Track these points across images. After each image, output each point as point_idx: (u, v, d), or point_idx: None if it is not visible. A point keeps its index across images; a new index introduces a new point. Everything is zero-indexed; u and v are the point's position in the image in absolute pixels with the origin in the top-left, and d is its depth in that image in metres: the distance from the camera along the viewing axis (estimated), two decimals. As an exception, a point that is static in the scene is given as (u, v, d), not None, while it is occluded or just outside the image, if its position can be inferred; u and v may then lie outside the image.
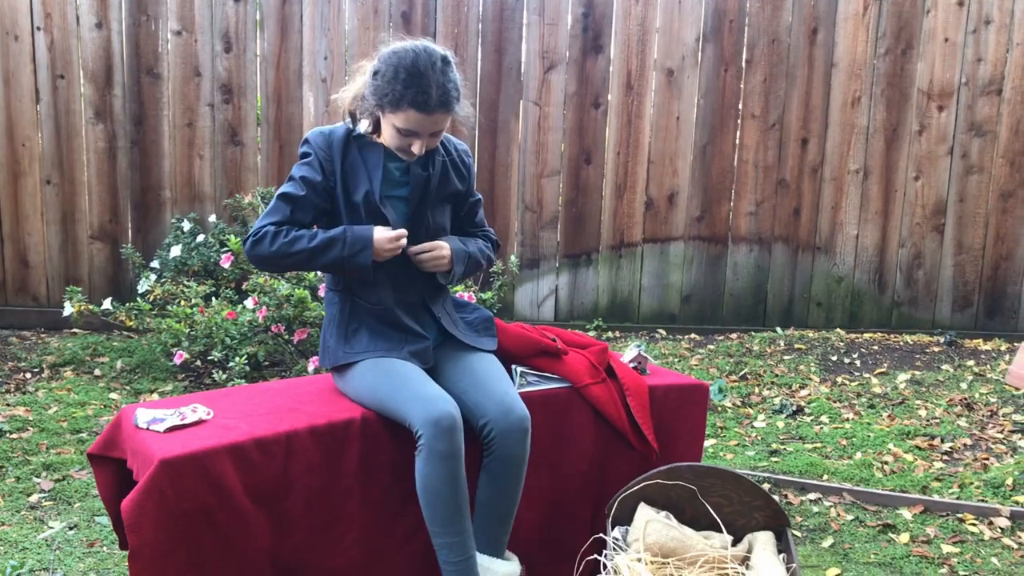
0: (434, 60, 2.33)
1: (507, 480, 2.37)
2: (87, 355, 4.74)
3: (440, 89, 2.32)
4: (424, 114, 2.32)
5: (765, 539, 2.28)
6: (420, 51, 2.34)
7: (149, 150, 5.21)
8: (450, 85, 2.35)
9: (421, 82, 2.30)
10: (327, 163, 2.47)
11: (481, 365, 2.51)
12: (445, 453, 2.22)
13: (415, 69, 2.31)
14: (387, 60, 2.35)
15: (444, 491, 2.23)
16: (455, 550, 2.27)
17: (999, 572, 2.94)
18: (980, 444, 3.92)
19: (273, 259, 2.42)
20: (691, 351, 5.08)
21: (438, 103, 2.32)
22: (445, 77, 2.34)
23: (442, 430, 2.21)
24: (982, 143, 5.30)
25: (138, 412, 2.31)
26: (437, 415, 2.22)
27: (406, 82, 2.30)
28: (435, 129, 2.38)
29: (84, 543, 2.92)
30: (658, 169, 5.33)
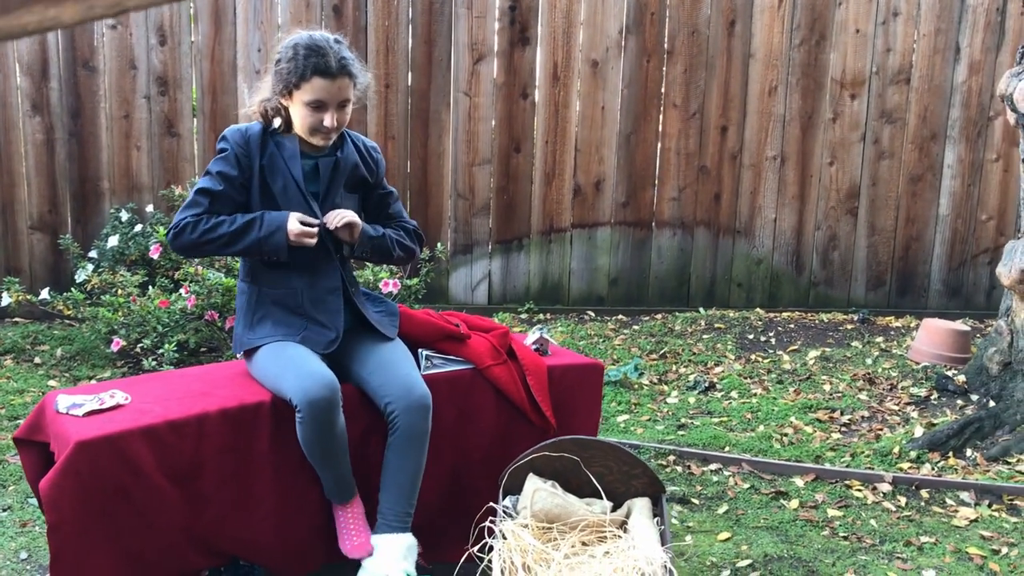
0: (327, 37, 2.59)
1: (409, 456, 2.57)
2: (27, 343, 4.85)
3: (338, 56, 2.55)
4: (328, 79, 2.52)
5: (642, 505, 2.50)
6: (312, 33, 2.60)
7: (87, 142, 5.31)
8: (346, 54, 2.58)
9: (320, 51, 2.53)
10: (244, 158, 2.63)
11: (386, 350, 2.71)
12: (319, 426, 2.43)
13: (312, 43, 2.55)
14: (285, 46, 2.60)
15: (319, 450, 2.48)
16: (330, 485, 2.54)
17: (875, 532, 3.19)
18: (877, 416, 4.19)
19: (196, 246, 2.61)
20: (616, 331, 5.30)
21: (339, 68, 2.54)
22: (341, 47, 2.59)
23: (317, 409, 2.41)
24: (892, 130, 5.56)
25: (59, 398, 2.47)
26: (312, 397, 2.41)
27: (306, 56, 2.53)
28: (341, 97, 2.58)
29: (17, 523, 3.08)
30: (585, 157, 5.53)
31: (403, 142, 5.43)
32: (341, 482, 2.54)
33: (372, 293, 2.94)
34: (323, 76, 2.52)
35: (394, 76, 5.37)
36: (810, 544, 3.09)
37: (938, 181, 5.62)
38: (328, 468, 2.51)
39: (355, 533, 2.59)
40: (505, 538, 2.32)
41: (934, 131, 5.56)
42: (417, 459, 2.60)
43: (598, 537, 2.45)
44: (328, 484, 2.55)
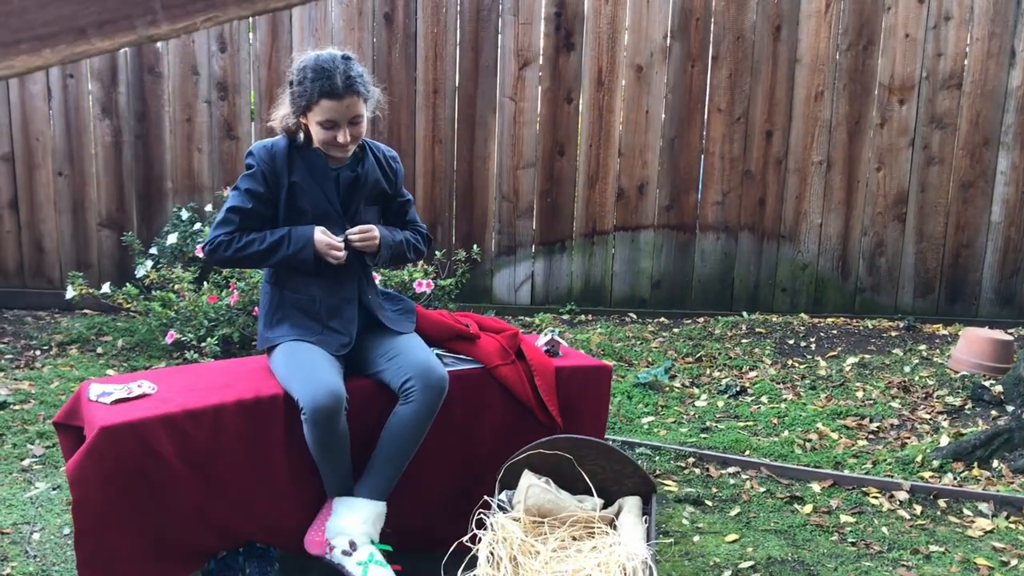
0: (334, 56, 2.68)
1: (413, 429, 2.68)
2: (92, 334, 5.15)
3: (344, 76, 2.65)
4: (336, 100, 2.64)
5: (632, 503, 2.59)
6: (320, 54, 2.70)
7: (152, 144, 5.60)
8: (353, 73, 2.67)
9: (326, 74, 2.64)
10: (270, 175, 2.78)
11: (403, 340, 2.85)
12: (321, 429, 2.57)
13: (318, 66, 2.66)
14: (295, 69, 2.71)
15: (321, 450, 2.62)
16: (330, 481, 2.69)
17: (885, 539, 3.20)
18: (906, 424, 4.17)
19: (230, 262, 2.82)
20: (655, 334, 5.36)
21: (345, 87, 2.64)
22: (347, 67, 2.67)
23: (320, 417, 2.55)
24: (943, 135, 5.49)
25: (91, 387, 2.67)
26: (317, 404, 2.54)
27: (313, 78, 2.64)
28: (351, 115, 2.69)
29: (64, 502, 3.31)
30: (628, 161, 5.60)
31: (450, 146, 5.58)
32: (339, 479, 2.69)
33: (389, 292, 3.08)
34: (330, 98, 2.63)
35: (442, 81, 5.52)
36: (816, 549, 3.13)
37: (990, 188, 5.53)
38: (328, 465, 2.66)
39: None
40: (494, 530, 2.43)
41: (987, 137, 5.47)
42: (417, 436, 2.71)
43: (588, 532, 2.55)
44: (327, 479, 2.70)
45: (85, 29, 0.56)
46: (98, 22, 0.56)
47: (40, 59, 0.57)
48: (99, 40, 0.57)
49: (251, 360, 3.08)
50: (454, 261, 5.45)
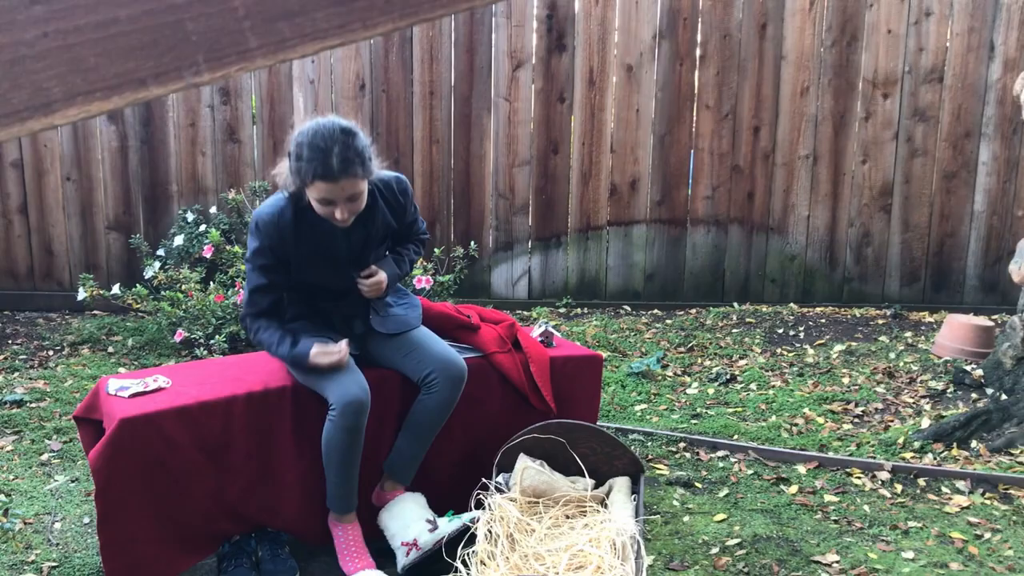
0: (333, 132, 2.59)
1: (433, 416, 2.88)
2: (103, 334, 5.31)
3: (341, 158, 2.58)
4: (331, 183, 2.60)
5: (622, 483, 2.75)
6: (319, 127, 2.62)
7: (157, 148, 5.76)
8: (350, 153, 2.59)
9: (322, 155, 2.57)
10: (278, 247, 2.80)
11: (416, 335, 3.00)
12: (348, 427, 2.73)
13: (314, 144, 2.59)
14: (294, 141, 2.66)
15: (337, 454, 2.76)
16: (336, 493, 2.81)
17: (866, 516, 3.36)
18: (890, 408, 4.33)
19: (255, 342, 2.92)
20: (648, 325, 5.52)
21: (340, 171, 2.59)
22: (345, 147, 2.59)
23: (350, 410, 2.71)
24: (926, 128, 5.64)
25: (110, 381, 2.83)
26: (349, 398, 2.71)
27: (309, 157, 2.59)
28: (348, 195, 2.65)
29: (83, 493, 3.47)
30: (620, 158, 5.75)
31: (447, 146, 5.74)
32: (346, 492, 2.81)
33: (399, 290, 3.22)
34: (325, 180, 2.59)
35: (438, 83, 5.68)
36: (800, 526, 3.29)
37: (973, 178, 5.68)
38: (341, 472, 2.77)
39: (357, 556, 2.83)
40: (492, 510, 2.59)
41: (968, 129, 5.62)
42: (439, 424, 2.91)
43: (580, 511, 2.70)
44: (333, 491, 2.81)
45: (145, 80, 0.72)
46: (155, 74, 0.72)
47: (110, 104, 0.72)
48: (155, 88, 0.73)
49: (260, 355, 3.24)
50: (452, 258, 5.62)
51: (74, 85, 0.71)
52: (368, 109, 5.70)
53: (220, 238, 4.85)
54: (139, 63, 0.71)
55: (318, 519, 2.94)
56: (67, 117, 0.72)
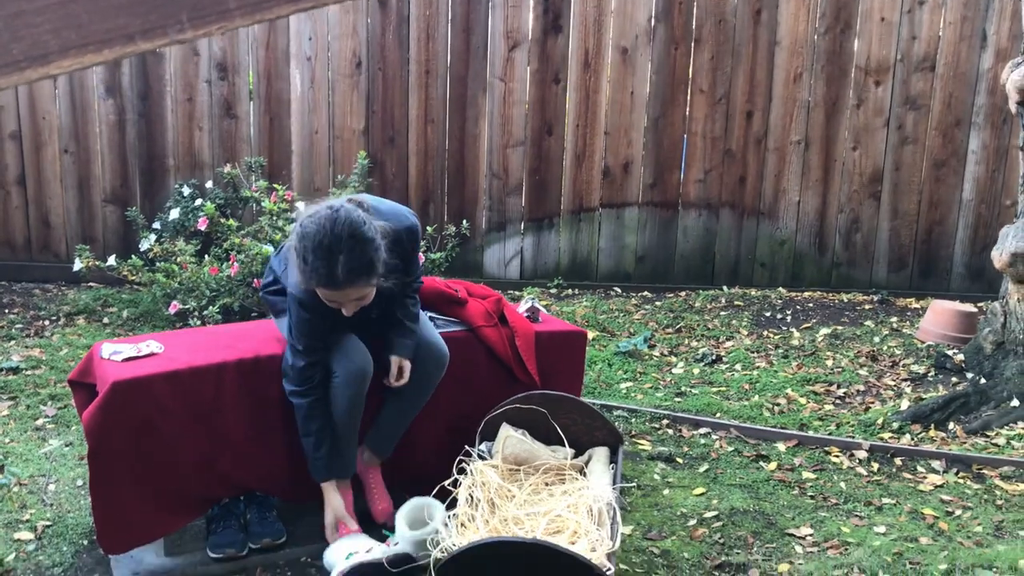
0: (339, 239, 2.45)
1: (414, 396, 2.95)
2: (98, 305, 5.38)
3: (346, 269, 2.47)
4: (335, 291, 2.54)
5: (601, 452, 2.82)
6: (326, 230, 2.46)
7: (154, 122, 5.80)
8: (356, 264, 2.48)
9: (326, 265, 2.47)
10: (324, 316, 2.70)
11: None
12: (351, 395, 2.82)
13: (320, 250, 2.46)
14: (301, 234, 2.51)
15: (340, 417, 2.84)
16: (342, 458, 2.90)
17: (842, 493, 3.44)
18: (872, 390, 4.40)
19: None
20: (638, 307, 5.59)
21: (345, 280, 2.50)
22: (351, 256, 2.46)
23: (354, 379, 2.81)
24: (916, 116, 5.69)
25: (103, 346, 2.90)
26: (354, 368, 2.80)
27: (313, 264, 2.48)
28: (353, 298, 2.58)
29: (76, 457, 3.55)
30: (614, 140, 5.81)
31: (441, 125, 5.79)
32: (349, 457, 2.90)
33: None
34: (328, 288, 2.53)
35: (434, 63, 5.72)
36: (777, 501, 3.37)
37: (962, 167, 5.74)
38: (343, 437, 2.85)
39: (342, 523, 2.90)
40: (474, 475, 2.67)
41: (959, 117, 5.68)
42: (420, 404, 2.98)
43: (559, 479, 2.78)
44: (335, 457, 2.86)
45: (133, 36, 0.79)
46: (142, 30, 0.79)
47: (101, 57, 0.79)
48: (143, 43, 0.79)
49: (252, 324, 3.31)
50: (444, 236, 5.68)
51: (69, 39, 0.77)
52: (364, 87, 5.75)
53: (215, 211, 4.90)
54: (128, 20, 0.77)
55: (306, 484, 3.01)
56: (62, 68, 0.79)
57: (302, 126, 5.80)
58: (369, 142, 5.81)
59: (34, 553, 2.86)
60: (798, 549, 3.00)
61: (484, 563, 2.26)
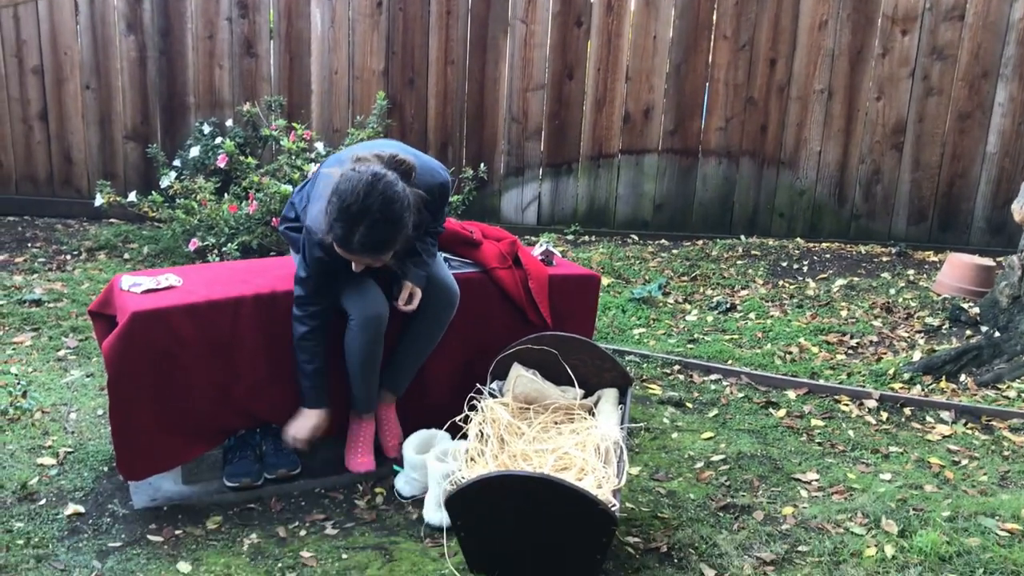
0: (369, 204, 2.49)
1: (425, 335, 3.00)
2: (119, 241, 5.44)
3: (362, 239, 2.52)
4: (350, 254, 2.61)
5: (610, 393, 2.86)
6: (359, 196, 2.48)
7: (175, 60, 5.80)
8: (377, 236, 2.52)
9: (346, 227, 2.52)
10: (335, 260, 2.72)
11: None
12: (368, 339, 2.87)
13: (344, 212, 2.51)
14: (334, 191, 2.54)
15: (359, 363, 2.91)
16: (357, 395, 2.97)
17: (849, 440, 3.47)
18: (885, 341, 4.41)
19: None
20: (654, 255, 5.59)
21: (360, 248, 2.55)
22: (373, 228, 2.50)
23: (370, 325, 2.85)
24: (943, 66, 5.61)
25: (123, 278, 2.95)
26: (369, 314, 2.85)
27: (334, 222, 2.54)
28: (366, 262, 2.65)
29: (97, 387, 3.62)
30: (635, 85, 5.76)
31: (461, 67, 5.76)
32: (368, 394, 2.98)
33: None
34: (342, 248, 2.58)
35: (455, 3, 5.67)
36: (784, 447, 3.40)
37: (987, 119, 5.67)
38: (363, 376, 2.92)
39: (361, 451, 3.04)
40: (484, 412, 2.71)
41: (986, 69, 5.59)
42: (432, 343, 3.03)
43: (568, 418, 2.82)
44: (355, 393, 2.97)
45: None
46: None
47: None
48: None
49: (270, 260, 3.35)
50: (462, 179, 5.68)
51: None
52: (384, 27, 5.71)
53: (235, 149, 4.92)
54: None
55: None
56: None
57: (322, 66, 5.78)
58: (389, 83, 5.79)
59: (56, 478, 2.94)
60: (803, 493, 3.04)
61: (492, 497, 2.31)
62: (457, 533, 2.42)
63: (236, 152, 4.96)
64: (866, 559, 2.60)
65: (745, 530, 2.77)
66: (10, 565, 2.47)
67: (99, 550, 2.58)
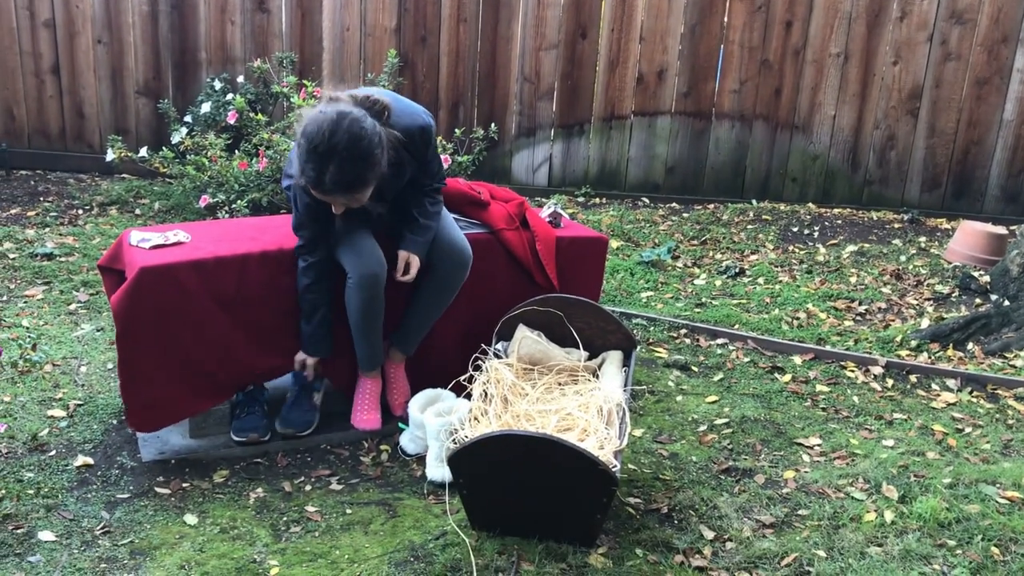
0: (336, 143, 2.47)
1: (436, 296, 3.02)
2: (131, 197, 5.45)
3: (333, 178, 2.50)
4: (323, 195, 2.59)
5: (614, 356, 2.87)
6: (324, 130, 2.47)
7: (187, 15, 5.77)
8: (347, 174, 2.50)
9: (316, 170, 2.50)
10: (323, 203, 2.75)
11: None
12: (365, 297, 2.87)
13: (313, 153, 2.49)
14: (302, 134, 2.53)
15: (357, 317, 2.92)
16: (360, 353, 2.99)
17: (854, 406, 3.48)
18: (893, 308, 4.40)
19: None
20: (664, 218, 5.57)
21: (332, 187, 2.53)
22: (341, 167, 2.48)
23: (365, 283, 2.85)
24: (962, 31, 5.53)
25: (132, 233, 2.96)
26: (365, 272, 2.84)
27: (305, 162, 2.53)
28: (342, 203, 2.63)
29: (107, 342, 3.66)
30: (649, 46, 5.71)
31: (474, 25, 5.71)
32: (369, 352, 3.00)
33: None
34: (315, 189, 2.57)
35: (469, -39, 5.61)
36: (788, 411, 3.41)
37: (1005, 85, 5.60)
38: (365, 334, 2.94)
39: (367, 409, 3.08)
40: (489, 372, 2.73)
41: (1006, 34, 5.51)
42: (444, 304, 3.04)
43: (572, 379, 2.84)
44: (358, 351, 3.00)
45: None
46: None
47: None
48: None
49: (279, 218, 3.35)
50: (472, 139, 5.66)
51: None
52: (397, -16, 5.67)
53: (245, 106, 4.91)
54: None
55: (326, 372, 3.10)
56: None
57: (333, 23, 5.75)
58: (400, 41, 5.75)
59: (66, 429, 2.98)
60: (805, 458, 3.05)
61: (495, 456, 2.33)
62: (460, 491, 2.45)
63: (247, 109, 4.95)
64: (865, 524, 2.62)
65: (746, 493, 2.79)
66: (20, 514, 2.51)
67: (107, 501, 2.62)
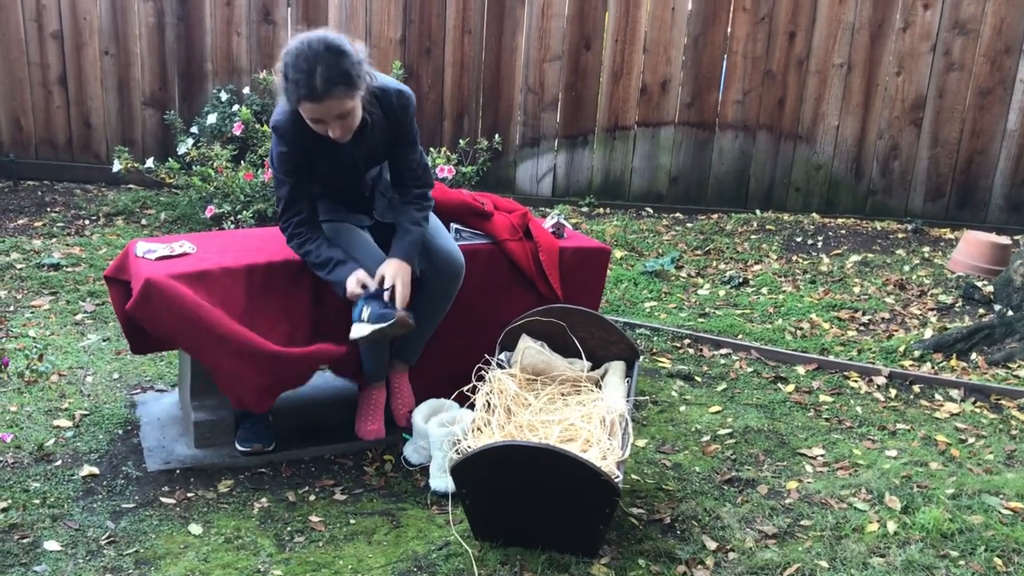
0: (317, 51, 2.55)
1: (431, 306, 3.02)
2: (137, 207, 5.48)
3: (324, 79, 2.54)
4: (316, 103, 2.58)
5: (617, 366, 2.88)
6: (304, 45, 2.57)
7: (193, 26, 5.81)
8: (335, 73, 2.55)
9: (306, 75, 2.54)
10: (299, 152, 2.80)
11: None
12: None
13: (299, 63, 2.56)
14: (282, 60, 2.61)
15: None
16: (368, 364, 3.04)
17: (857, 417, 3.48)
18: (897, 318, 4.41)
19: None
20: (668, 228, 5.59)
21: (324, 91, 2.55)
22: (329, 66, 2.54)
23: None
24: (965, 41, 5.54)
25: (138, 244, 2.98)
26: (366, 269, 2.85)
27: (294, 79, 2.57)
28: (336, 113, 2.61)
29: (113, 352, 3.68)
30: (653, 57, 5.73)
31: (479, 37, 5.74)
32: (376, 365, 3.03)
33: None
34: (310, 100, 2.57)
35: (473, -28, 5.64)
36: (791, 422, 3.42)
37: (1008, 96, 5.61)
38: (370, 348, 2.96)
39: (372, 419, 3.11)
40: (492, 383, 2.74)
41: (1008, 44, 5.52)
42: (440, 313, 3.05)
43: (575, 390, 2.85)
44: (367, 365, 3.03)
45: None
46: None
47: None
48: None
49: (281, 229, 3.37)
50: (477, 150, 5.68)
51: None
52: (402, -4, 5.70)
53: (251, 117, 4.94)
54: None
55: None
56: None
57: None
58: (406, 52, 5.78)
59: (72, 440, 3.00)
60: (808, 468, 3.06)
61: (497, 466, 2.34)
62: (462, 501, 2.46)
63: (252, 120, 4.98)
64: (868, 534, 2.62)
65: (748, 503, 2.80)
66: (26, 524, 2.53)
67: (113, 511, 2.63)
